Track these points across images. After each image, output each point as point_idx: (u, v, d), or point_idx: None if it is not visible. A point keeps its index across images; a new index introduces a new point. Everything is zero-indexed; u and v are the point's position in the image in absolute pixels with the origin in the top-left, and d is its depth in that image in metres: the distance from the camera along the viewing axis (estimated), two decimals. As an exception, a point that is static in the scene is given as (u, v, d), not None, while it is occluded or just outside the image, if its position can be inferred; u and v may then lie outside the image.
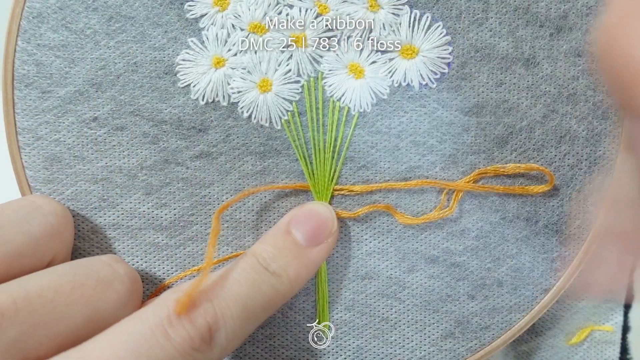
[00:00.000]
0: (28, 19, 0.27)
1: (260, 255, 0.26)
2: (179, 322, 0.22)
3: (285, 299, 0.26)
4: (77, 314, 0.23)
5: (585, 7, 0.27)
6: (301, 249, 0.27)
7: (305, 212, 0.27)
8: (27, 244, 0.24)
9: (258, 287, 0.25)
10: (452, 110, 0.27)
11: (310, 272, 0.27)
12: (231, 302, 0.24)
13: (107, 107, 0.27)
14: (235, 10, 0.27)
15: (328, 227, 0.27)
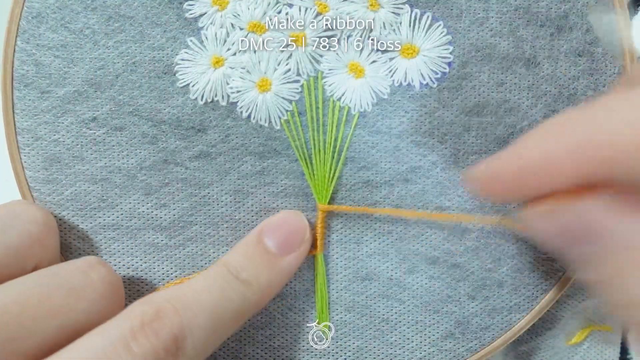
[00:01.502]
0: (27, 19, 0.27)
1: (231, 264, 0.26)
2: (142, 335, 0.22)
3: (257, 308, 0.26)
4: (46, 328, 0.22)
5: (585, 7, 0.26)
6: (273, 258, 0.26)
7: (278, 221, 0.27)
8: (4, 255, 0.24)
9: (228, 296, 0.25)
10: (453, 110, 0.27)
11: (282, 280, 0.27)
12: (199, 311, 0.23)
13: (106, 107, 0.27)
14: (235, 9, 0.27)
15: (300, 235, 0.27)
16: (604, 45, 0.25)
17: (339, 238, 0.29)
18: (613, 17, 0.23)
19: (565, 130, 0.19)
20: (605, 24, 0.24)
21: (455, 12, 0.27)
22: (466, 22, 0.27)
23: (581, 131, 0.18)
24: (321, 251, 0.28)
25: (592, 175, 0.18)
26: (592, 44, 0.27)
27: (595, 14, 0.24)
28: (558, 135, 0.19)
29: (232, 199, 0.28)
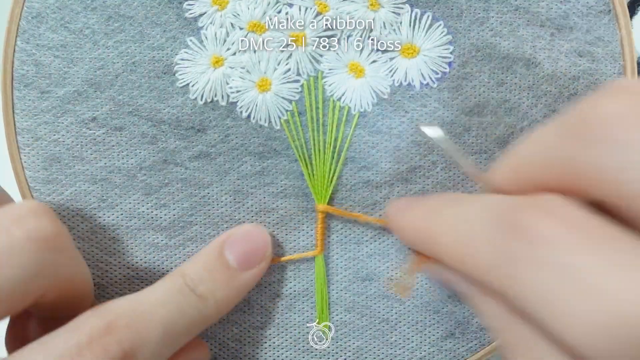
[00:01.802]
0: (27, 19, 0.27)
1: (189, 276, 0.25)
2: (89, 351, 0.21)
3: (211, 322, 0.26)
4: None
5: (585, 7, 0.26)
6: (232, 272, 0.26)
7: (240, 235, 0.27)
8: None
9: (183, 310, 0.24)
10: (453, 110, 0.27)
11: (239, 295, 0.26)
12: (152, 326, 0.23)
13: (105, 107, 0.27)
14: (235, 9, 0.27)
15: (261, 251, 0.27)
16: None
17: (339, 238, 0.28)
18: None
19: (419, 215, 0.24)
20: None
21: (455, 12, 0.27)
22: (466, 22, 0.27)
23: (425, 222, 0.23)
24: (321, 251, 0.28)
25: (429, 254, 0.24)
26: (593, 44, 0.27)
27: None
28: (413, 216, 0.25)
29: (232, 199, 0.28)
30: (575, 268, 0.17)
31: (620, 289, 0.16)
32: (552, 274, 0.18)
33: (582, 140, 0.18)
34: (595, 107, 0.18)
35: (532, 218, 0.19)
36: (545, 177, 0.20)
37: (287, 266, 0.29)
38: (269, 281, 0.29)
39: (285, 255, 0.29)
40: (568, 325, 0.17)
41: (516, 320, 0.21)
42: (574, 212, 0.18)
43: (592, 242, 0.18)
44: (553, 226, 0.18)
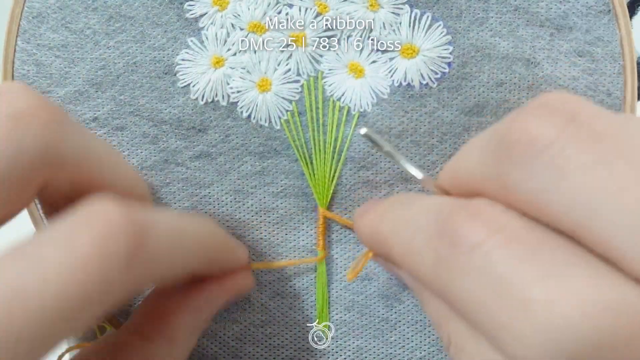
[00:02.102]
0: (28, 19, 0.27)
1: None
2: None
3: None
4: None
5: (585, 7, 0.26)
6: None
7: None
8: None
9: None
10: (453, 110, 0.27)
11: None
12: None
13: (106, 107, 0.27)
14: (235, 9, 0.27)
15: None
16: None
17: (339, 238, 0.29)
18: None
19: (372, 217, 0.25)
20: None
21: (455, 12, 0.27)
22: (466, 22, 0.27)
23: (374, 224, 0.25)
24: (324, 256, 0.28)
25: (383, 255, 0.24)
26: (592, 44, 0.27)
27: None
28: (369, 219, 0.25)
29: (233, 198, 0.28)
30: (501, 276, 0.17)
31: (547, 300, 0.16)
32: (480, 282, 0.18)
33: (509, 159, 0.18)
34: (522, 127, 0.18)
35: (464, 223, 0.19)
36: (477, 187, 0.20)
37: (288, 266, 0.29)
38: (270, 280, 0.29)
39: (285, 255, 0.29)
40: (499, 334, 0.17)
41: (456, 317, 0.21)
42: (503, 216, 0.18)
43: (518, 247, 0.18)
44: (482, 231, 0.18)
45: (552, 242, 0.18)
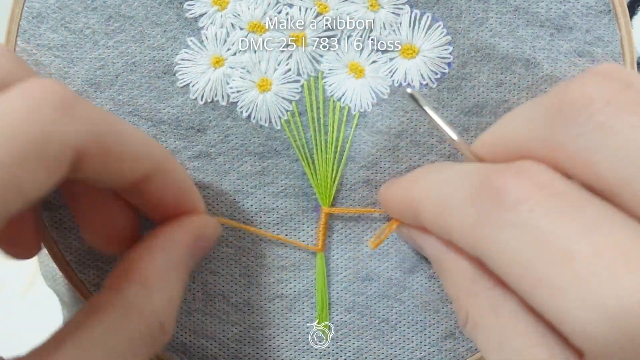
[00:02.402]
0: (27, 19, 0.27)
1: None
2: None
3: None
4: None
5: (585, 7, 0.26)
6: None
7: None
8: None
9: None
10: (452, 110, 0.27)
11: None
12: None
13: (105, 107, 0.27)
14: (235, 9, 0.27)
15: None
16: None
17: (340, 238, 0.29)
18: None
19: (402, 184, 0.26)
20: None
21: (455, 12, 0.27)
22: (466, 23, 0.27)
23: (405, 189, 0.25)
24: (322, 251, 0.28)
25: (412, 223, 0.25)
26: (592, 44, 0.27)
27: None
28: (399, 187, 0.26)
29: (232, 199, 0.28)
30: (546, 230, 0.18)
31: (592, 252, 0.17)
32: (524, 237, 0.18)
33: (564, 120, 0.19)
34: (579, 90, 0.19)
35: (508, 180, 0.19)
36: (524, 151, 0.21)
37: (287, 267, 0.29)
38: (269, 282, 0.29)
39: (285, 256, 0.29)
40: (540, 287, 0.17)
41: (477, 292, 0.21)
42: (548, 175, 0.19)
43: (562, 203, 0.18)
44: (527, 188, 0.18)
45: (594, 202, 0.18)
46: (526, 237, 0.18)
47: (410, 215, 0.24)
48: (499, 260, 0.19)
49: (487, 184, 0.19)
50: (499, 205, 0.19)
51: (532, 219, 0.18)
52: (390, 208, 0.27)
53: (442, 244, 0.24)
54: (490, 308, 0.21)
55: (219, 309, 0.29)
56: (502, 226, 0.18)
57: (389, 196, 0.26)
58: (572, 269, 0.17)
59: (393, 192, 0.26)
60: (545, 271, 0.17)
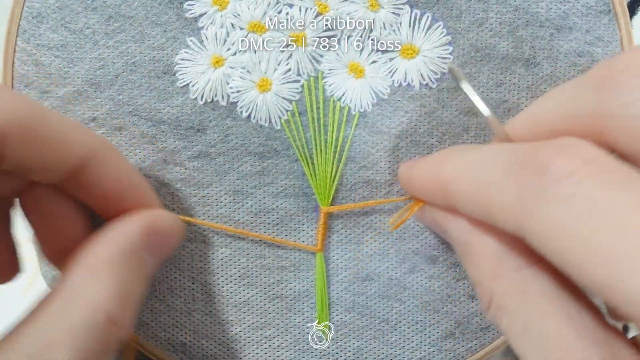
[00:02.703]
0: (27, 19, 0.27)
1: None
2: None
3: None
4: None
5: (585, 7, 0.26)
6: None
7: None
8: None
9: None
10: (452, 110, 0.27)
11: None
12: None
13: (105, 107, 0.27)
14: (235, 9, 0.27)
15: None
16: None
17: (340, 239, 0.29)
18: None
19: (429, 164, 0.25)
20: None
21: (455, 12, 0.27)
22: (466, 23, 0.27)
23: (433, 168, 0.24)
24: (322, 251, 0.28)
25: (444, 203, 0.24)
26: (592, 44, 0.27)
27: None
28: (425, 166, 0.25)
29: (232, 199, 0.28)
30: (597, 202, 0.17)
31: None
32: (572, 209, 0.18)
33: (612, 86, 0.19)
34: (629, 58, 0.19)
35: (553, 155, 0.19)
36: (564, 126, 0.20)
37: (287, 267, 0.29)
38: (269, 282, 0.29)
39: (285, 257, 0.29)
40: (590, 259, 0.17)
41: (510, 268, 0.21)
42: (594, 150, 0.19)
43: (611, 176, 0.18)
44: (574, 161, 0.18)
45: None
46: (576, 209, 0.17)
47: (438, 195, 0.24)
48: (544, 234, 0.18)
49: (530, 159, 0.19)
50: (545, 178, 0.18)
51: (582, 190, 0.18)
52: (413, 187, 0.26)
53: (467, 225, 0.23)
54: (517, 290, 0.21)
55: (218, 309, 0.29)
56: (549, 199, 0.18)
57: (413, 175, 0.26)
58: (629, 239, 0.16)
59: (418, 172, 0.25)
60: (599, 242, 0.17)
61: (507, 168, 0.20)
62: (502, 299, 0.21)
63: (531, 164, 0.19)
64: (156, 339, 0.29)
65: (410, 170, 0.26)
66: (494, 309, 0.22)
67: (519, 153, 0.20)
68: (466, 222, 0.23)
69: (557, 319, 0.20)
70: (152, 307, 0.29)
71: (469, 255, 0.23)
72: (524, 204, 0.19)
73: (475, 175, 0.21)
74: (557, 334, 0.19)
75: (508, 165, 0.20)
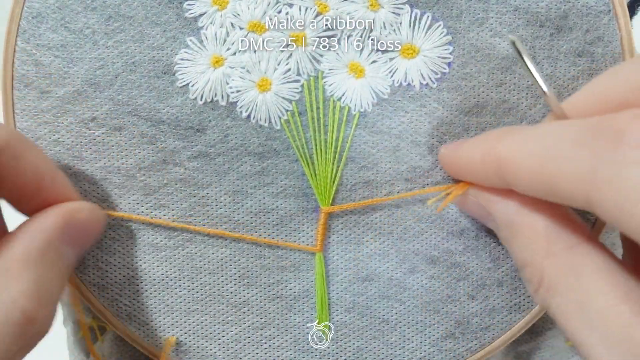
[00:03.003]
0: (27, 19, 0.27)
1: None
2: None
3: None
4: None
5: (585, 7, 0.26)
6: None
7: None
8: None
9: None
10: (453, 110, 0.27)
11: None
12: None
13: (105, 107, 0.27)
14: (235, 9, 0.27)
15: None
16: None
17: (340, 239, 0.28)
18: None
19: (480, 143, 0.24)
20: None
21: (455, 12, 0.27)
22: (466, 23, 0.27)
23: (487, 147, 0.23)
24: (322, 251, 0.28)
25: (497, 183, 0.23)
26: (592, 44, 0.27)
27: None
28: (476, 145, 0.24)
29: (231, 199, 0.28)
30: None
31: None
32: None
33: None
34: None
35: (628, 122, 0.18)
36: (630, 98, 0.20)
37: (287, 267, 0.29)
38: (269, 282, 0.29)
39: (285, 257, 0.29)
40: None
41: (562, 246, 0.21)
42: None
43: None
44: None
45: None
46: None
47: (490, 174, 0.23)
48: (621, 201, 0.18)
49: (603, 128, 0.19)
50: (622, 145, 0.18)
51: None
52: (459, 168, 0.26)
53: (515, 206, 0.23)
54: (570, 268, 0.20)
55: (218, 309, 0.29)
56: (628, 165, 0.18)
57: (459, 157, 0.25)
58: None
59: (467, 152, 0.25)
60: None
61: (578, 139, 0.19)
62: (554, 278, 0.21)
63: (605, 133, 0.18)
64: (156, 339, 0.29)
65: (457, 152, 0.26)
66: (544, 290, 0.21)
67: (589, 124, 0.19)
68: (514, 202, 0.23)
69: (613, 297, 0.19)
70: (152, 307, 0.29)
71: (517, 236, 0.23)
72: (600, 172, 0.18)
73: (540, 150, 0.21)
74: (614, 312, 0.19)
75: (579, 137, 0.19)
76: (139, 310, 0.28)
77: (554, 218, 0.22)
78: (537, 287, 0.22)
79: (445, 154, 0.27)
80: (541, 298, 0.22)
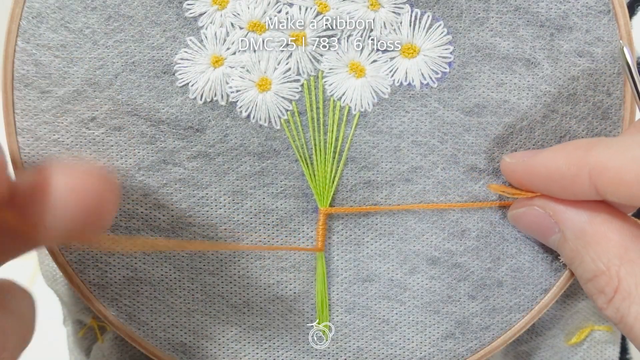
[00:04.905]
0: (27, 19, 0.27)
1: None
2: None
3: None
4: None
5: (585, 7, 0.26)
6: None
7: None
8: None
9: None
10: (453, 110, 0.27)
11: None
12: None
13: (104, 107, 0.27)
14: (235, 8, 0.27)
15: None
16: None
17: (340, 239, 0.28)
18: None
19: (564, 153, 0.23)
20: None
21: (455, 12, 0.27)
22: (466, 22, 0.27)
23: (575, 156, 0.23)
24: (322, 252, 0.28)
25: (584, 193, 0.23)
26: (592, 44, 0.27)
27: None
28: (558, 155, 0.24)
29: (231, 199, 0.28)
30: None
31: None
32: None
33: None
34: None
35: None
36: None
37: (287, 268, 0.29)
38: (269, 283, 0.29)
39: (285, 258, 0.29)
40: None
41: (638, 254, 0.21)
42: None
43: None
44: None
45: None
46: None
47: (580, 183, 0.23)
48: None
49: None
50: None
51: None
52: (534, 178, 0.25)
53: (588, 214, 0.23)
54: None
55: (218, 309, 0.29)
56: None
57: (535, 166, 0.25)
58: None
59: (545, 162, 0.24)
60: None
61: None
62: (633, 285, 0.21)
63: None
64: (156, 339, 0.29)
65: (532, 161, 0.25)
66: (619, 298, 0.21)
67: None
68: (585, 211, 0.23)
69: None
70: (152, 307, 0.29)
71: (591, 244, 0.23)
72: None
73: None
74: None
75: None
76: (139, 310, 0.28)
77: (627, 226, 0.22)
78: (611, 297, 0.22)
79: (513, 162, 0.26)
80: (616, 308, 0.22)
